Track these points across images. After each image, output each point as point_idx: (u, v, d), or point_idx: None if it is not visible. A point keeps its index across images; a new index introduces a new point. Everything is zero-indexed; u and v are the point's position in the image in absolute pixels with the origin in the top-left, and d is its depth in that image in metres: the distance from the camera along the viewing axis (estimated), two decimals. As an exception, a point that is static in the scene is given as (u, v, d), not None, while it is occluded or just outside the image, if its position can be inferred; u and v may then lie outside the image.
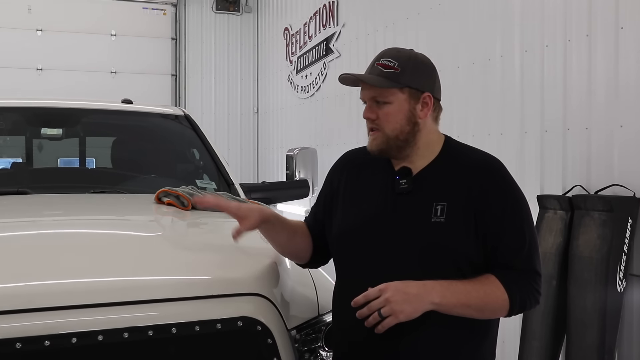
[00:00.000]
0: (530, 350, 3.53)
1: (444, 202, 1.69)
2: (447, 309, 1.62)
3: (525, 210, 1.75)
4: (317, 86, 7.42)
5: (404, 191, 1.75)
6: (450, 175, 1.74)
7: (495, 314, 1.71)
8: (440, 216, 1.68)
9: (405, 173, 1.77)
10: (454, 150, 1.82)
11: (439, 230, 1.67)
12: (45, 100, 3.68)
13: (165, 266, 1.83)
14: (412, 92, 1.76)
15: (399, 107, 1.75)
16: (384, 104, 1.75)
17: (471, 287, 1.64)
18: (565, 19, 3.61)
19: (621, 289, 3.14)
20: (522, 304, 1.69)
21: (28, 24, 8.81)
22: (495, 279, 1.67)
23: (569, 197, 3.44)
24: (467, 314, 1.65)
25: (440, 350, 1.69)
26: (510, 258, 1.69)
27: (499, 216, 1.69)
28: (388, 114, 1.75)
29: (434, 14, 4.95)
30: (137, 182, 3.30)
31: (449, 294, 1.61)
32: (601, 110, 3.37)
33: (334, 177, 1.94)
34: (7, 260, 1.74)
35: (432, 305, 1.60)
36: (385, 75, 1.74)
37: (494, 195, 1.70)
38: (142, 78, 9.25)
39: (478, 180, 1.71)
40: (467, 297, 1.63)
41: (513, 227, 1.70)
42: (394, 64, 1.75)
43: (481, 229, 1.68)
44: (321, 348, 1.92)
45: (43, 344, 1.47)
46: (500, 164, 1.78)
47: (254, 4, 9.80)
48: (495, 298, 1.65)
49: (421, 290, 1.59)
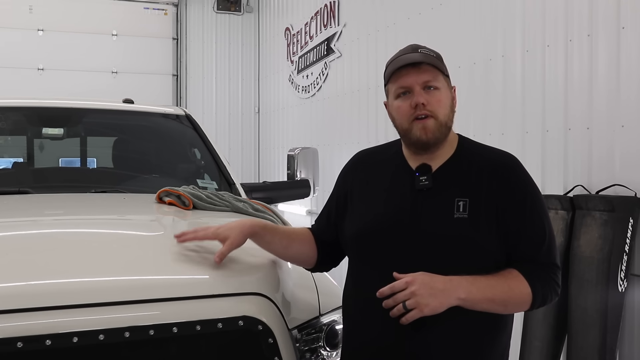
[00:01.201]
0: (531, 350, 3.53)
1: (465, 198, 1.69)
2: (472, 304, 1.61)
3: (543, 204, 1.76)
4: (318, 86, 7.42)
5: (424, 188, 1.74)
6: (470, 171, 1.74)
7: (519, 308, 1.71)
8: (463, 212, 1.68)
9: (425, 170, 1.76)
10: (470, 147, 1.83)
11: (462, 225, 1.67)
12: (47, 100, 3.68)
13: (166, 265, 1.83)
14: (449, 82, 1.79)
15: (446, 93, 1.77)
16: (435, 89, 1.74)
17: (495, 281, 1.64)
18: (567, 19, 3.61)
19: (622, 289, 3.14)
20: (544, 298, 1.70)
21: (29, 23, 8.82)
22: (518, 273, 1.67)
23: (570, 197, 3.44)
24: (491, 308, 1.65)
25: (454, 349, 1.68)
26: (531, 252, 1.70)
27: (521, 212, 1.70)
28: (440, 99, 1.74)
29: (435, 14, 4.95)
30: (138, 181, 3.30)
31: (475, 289, 1.61)
32: (602, 110, 3.37)
33: (347, 177, 1.92)
34: (8, 260, 1.74)
35: (458, 300, 1.59)
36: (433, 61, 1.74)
37: (515, 191, 1.71)
38: (143, 78, 9.26)
39: (498, 176, 1.72)
40: (492, 292, 1.63)
41: (533, 222, 1.71)
42: (434, 54, 1.76)
43: (502, 225, 1.69)
44: (322, 348, 1.92)
45: (44, 343, 1.47)
46: (517, 160, 1.79)
47: (255, 4, 9.81)
48: (519, 292, 1.66)
49: (448, 286, 1.59)
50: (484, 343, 1.71)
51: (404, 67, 1.73)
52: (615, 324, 3.15)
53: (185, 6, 9.60)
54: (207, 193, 2.64)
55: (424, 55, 1.74)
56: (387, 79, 1.80)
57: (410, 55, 1.74)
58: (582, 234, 3.29)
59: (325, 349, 1.92)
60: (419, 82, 1.73)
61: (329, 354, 1.92)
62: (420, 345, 1.66)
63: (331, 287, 2.16)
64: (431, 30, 4.97)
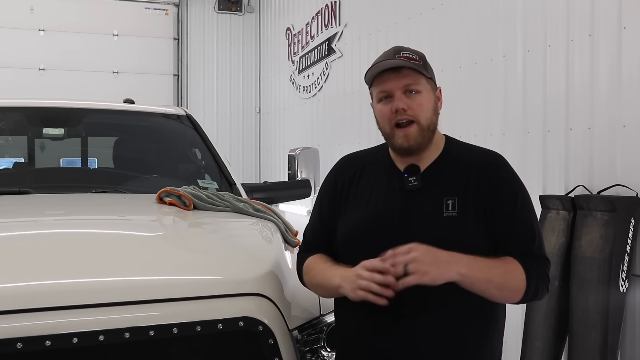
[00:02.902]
0: (532, 351, 3.52)
1: (454, 196, 1.71)
2: (471, 282, 1.62)
3: (530, 202, 1.78)
4: (319, 86, 7.42)
5: (413, 188, 1.75)
6: (458, 170, 1.76)
7: (512, 295, 1.70)
8: (452, 210, 1.70)
9: (414, 170, 1.77)
10: (456, 147, 1.85)
11: (452, 224, 1.69)
12: (47, 100, 3.68)
13: (166, 266, 1.83)
14: (432, 84, 1.79)
15: (428, 97, 1.76)
16: (417, 93, 1.74)
17: (494, 263, 1.66)
18: (568, 18, 3.61)
19: (624, 290, 3.14)
20: (536, 289, 1.70)
21: (30, 24, 8.83)
22: (514, 260, 1.69)
23: (571, 197, 3.43)
24: (487, 290, 1.65)
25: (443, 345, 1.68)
26: (522, 249, 1.72)
27: (509, 210, 1.72)
28: (422, 103, 1.74)
29: (436, 14, 4.94)
30: (139, 182, 3.30)
31: (475, 267, 1.62)
32: (603, 110, 3.36)
33: (337, 180, 1.91)
34: (9, 260, 1.74)
35: (457, 275, 1.59)
36: (413, 66, 1.73)
37: (503, 190, 1.73)
38: (144, 78, 9.26)
39: (486, 174, 1.74)
40: (490, 273, 1.64)
41: (522, 219, 1.73)
42: (416, 57, 1.76)
43: (491, 223, 1.70)
44: (323, 348, 1.92)
45: (44, 344, 1.47)
46: (504, 159, 1.81)
47: (256, 4, 9.81)
48: (515, 277, 1.67)
49: (450, 259, 1.59)
50: (471, 337, 1.71)
51: (385, 71, 1.74)
52: (616, 325, 3.14)
53: (186, 6, 9.60)
54: (208, 193, 2.64)
55: (404, 59, 1.73)
56: (370, 83, 1.81)
57: (391, 60, 1.74)
58: (584, 235, 3.28)
59: (325, 350, 1.92)
60: (400, 86, 1.73)
61: (329, 355, 1.92)
62: (407, 341, 1.67)
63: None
64: (432, 30, 4.96)
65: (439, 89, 1.82)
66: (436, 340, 1.67)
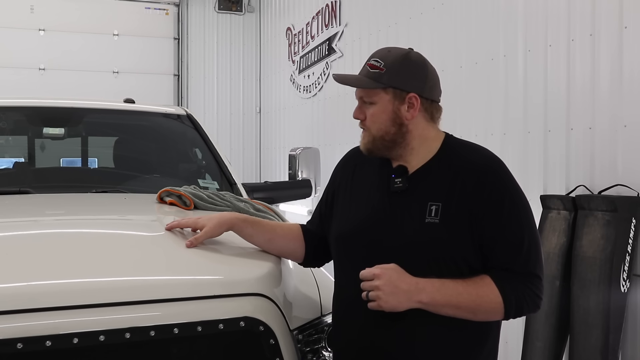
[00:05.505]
0: (533, 351, 3.52)
1: (438, 202, 1.67)
2: (435, 310, 1.62)
3: (523, 211, 1.70)
4: (319, 86, 7.42)
5: (398, 190, 1.74)
6: (446, 174, 1.71)
7: (490, 317, 1.68)
8: (435, 216, 1.66)
9: (401, 172, 1.76)
10: (453, 149, 1.78)
11: (433, 230, 1.65)
12: (48, 100, 3.68)
13: (167, 266, 1.82)
14: (396, 92, 1.74)
15: (382, 107, 1.75)
16: (370, 104, 1.77)
17: (463, 288, 1.62)
18: (569, 18, 3.60)
19: (625, 290, 3.13)
20: (519, 308, 1.65)
21: (30, 23, 8.83)
22: (490, 280, 1.64)
23: (572, 197, 3.43)
24: (457, 314, 1.63)
25: (437, 350, 1.68)
26: (507, 260, 1.66)
27: (494, 217, 1.65)
28: (373, 114, 1.77)
29: (436, 13, 4.94)
30: (139, 181, 3.30)
31: (439, 295, 1.60)
32: (604, 110, 3.36)
33: (337, 174, 1.96)
34: (9, 260, 1.73)
35: (419, 304, 1.60)
36: (370, 76, 1.75)
37: (489, 196, 1.66)
38: (144, 78, 9.26)
39: (472, 180, 1.68)
40: (457, 299, 1.61)
41: (509, 229, 1.66)
42: (380, 64, 1.75)
43: (476, 230, 1.65)
44: (323, 349, 1.91)
45: (44, 345, 1.47)
46: (499, 164, 1.74)
47: (256, 4, 9.81)
48: (489, 301, 1.63)
49: (412, 288, 1.59)
50: (467, 338, 1.70)
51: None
52: (617, 325, 3.14)
53: (187, 6, 9.60)
54: (208, 193, 2.63)
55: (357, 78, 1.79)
56: None
57: (349, 76, 1.82)
58: (585, 234, 3.28)
59: (326, 350, 1.91)
60: (357, 96, 1.82)
61: (330, 355, 1.91)
62: (399, 344, 1.67)
63: (333, 287, 2.15)
64: (433, 30, 4.96)
65: (412, 95, 1.73)
66: (432, 341, 1.67)
